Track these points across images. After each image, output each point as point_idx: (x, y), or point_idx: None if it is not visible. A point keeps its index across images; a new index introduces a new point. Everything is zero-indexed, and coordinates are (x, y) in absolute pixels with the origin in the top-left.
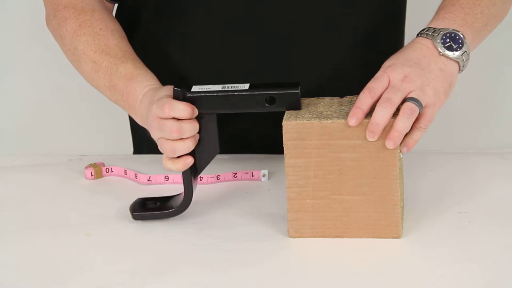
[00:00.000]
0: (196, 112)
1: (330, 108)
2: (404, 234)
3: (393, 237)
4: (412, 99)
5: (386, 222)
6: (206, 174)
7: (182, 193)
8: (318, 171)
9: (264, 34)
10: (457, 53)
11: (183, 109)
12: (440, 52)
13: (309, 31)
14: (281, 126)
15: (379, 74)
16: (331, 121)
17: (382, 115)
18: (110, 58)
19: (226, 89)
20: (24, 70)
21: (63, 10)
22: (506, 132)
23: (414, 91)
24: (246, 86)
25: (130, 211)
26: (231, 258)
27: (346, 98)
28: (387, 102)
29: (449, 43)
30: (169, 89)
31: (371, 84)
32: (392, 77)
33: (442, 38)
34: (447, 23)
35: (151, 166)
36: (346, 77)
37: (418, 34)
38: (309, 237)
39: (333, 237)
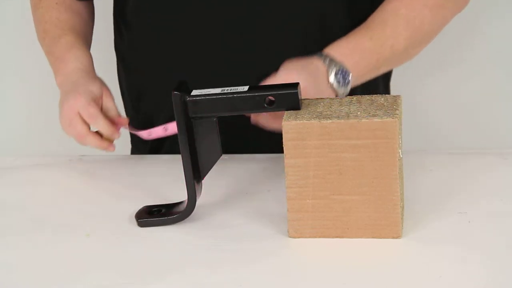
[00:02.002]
0: (117, 136)
1: (330, 108)
2: (404, 234)
3: (393, 237)
4: None
5: (386, 222)
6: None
7: (186, 200)
8: (318, 171)
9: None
10: (341, 89)
11: (105, 128)
12: (330, 82)
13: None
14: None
15: (282, 74)
16: (331, 121)
17: (265, 119)
18: (57, 30)
19: (225, 91)
20: (24, 70)
21: None
22: (506, 132)
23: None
24: (245, 88)
25: (136, 218)
26: (231, 258)
27: (346, 98)
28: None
29: (339, 79)
30: (98, 85)
31: (270, 82)
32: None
33: (336, 72)
34: (343, 59)
35: (151, 166)
36: None
37: (314, 55)
38: (309, 237)
39: (333, 237)
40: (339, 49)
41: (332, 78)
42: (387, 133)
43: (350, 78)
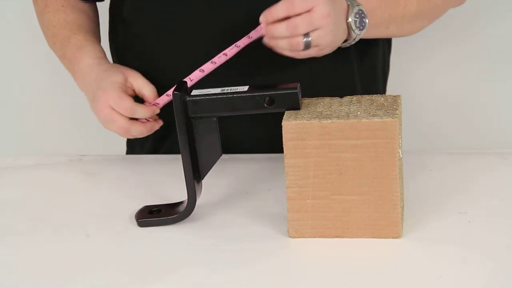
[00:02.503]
0: (158, 111)
1: (330, 108)
2: (404, 234)
3: (393, 237)
4: (307, 38)
5: (386, 222)
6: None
7: (186, 200)
8: (318, 171)
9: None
10: (357, 31)
11: (145, 114)
12: (349, 19)
13: None
14: (280, 126)
15: None
16: (330, 121)
17: (279, 32)
18: (66, 31)
19: (225, 91)
20: (24, 70)
21: None
22: (506, 132)
23: (320, 30)
24: (245, 88)
25: (136, 218)
26: (231, 258)
27: (346, 98)
28: (291, 28)
29: (357, 20)
30: (119, 72)
31: (296, 0)
32: (318, 8)
33: (356, 13)
34: (364, 2)
35: (151, 166)
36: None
37: None
38: (309, 237)
39: (333, 237)
40: None
41: (351, 17)
42: (387, 133)
43: (366, 21)
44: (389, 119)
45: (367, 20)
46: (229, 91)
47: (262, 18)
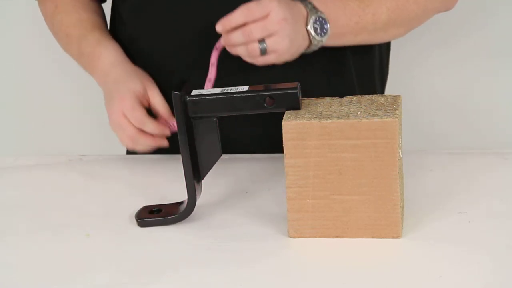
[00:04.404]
0: (168, 133)
1: (330, 108)
2: (404, 234)
3: (393, 237)
4: (263, 44)
5: (386, 222)
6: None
7: (186, 200)
8: (318, 171)
9: None
10: (317, 37)
11: (154, 129)
12: (308, 26)
13: None
14: (280, 126)
15: (264, 1)
16: (330, 121)
17: (235, 39)
18: (80, 30)
19: (225, 91)
20: (24, 70)
21: None
22: (506, 132)
23: (276, 35)
24: (245, 88)
25: (136, 218)
26: (231, 258)
27: (346, 98)
28: (247, 35)
29: (317, 26)
30: (139, 81)
31: (251, 5)
32: (273, 14)
33: (315, 19)
34: (325, 9)
35: (151, 166)
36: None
37: (298, 0)
38: (309, 237)
39: (333, 237)
40: (319, 1)
41: (310, 25)
42: (387, 133)
43: (328, 27)
44: (389, 119)
45: (328, 26)
46: (229, 91)
47: (218, 27)
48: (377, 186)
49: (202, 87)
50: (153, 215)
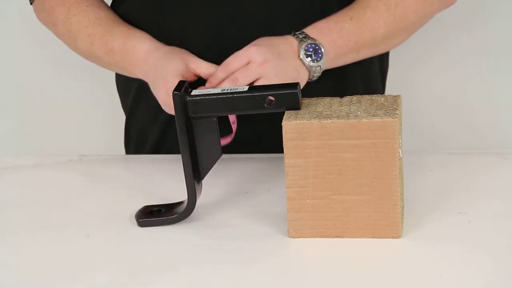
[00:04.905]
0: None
1: (330, 108)
2: (404, 234)
3: (393, 237)
4: None
5: (386, 222)
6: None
7: (186, 200)
8: (318, 171)
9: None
10: (312, 63)
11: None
12: (300, 56)
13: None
14: (280, 126)
15: (241, 52)
16: (330, 121)
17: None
18: (102, 27)
19: (225, 91)
20: (24, 70)
21: (49, 1)
22: (506, 132)
23: (263, 78)
24: (245, 88)
25: (136, 218)
26: (231, 258)
27: (346, 98)
28: (233, 83)
29: (310, 53)
30: (179, 59)
31: (229, 59)
32: (253, 59)
33: (306, 46)
34: (320, 36)
35: (151, 166)
36: None
37: (291, 33)
38: (309, 237)
39: (333, 237)
40: (316, 26)
41: (302, 52)
42: (387, 133)
43: (323, 52)
44: (389, 119)
45: (323, 50)
46: (229, 91)
47: (207, 85)
48: (377, 186)
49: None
50: (153, 215)
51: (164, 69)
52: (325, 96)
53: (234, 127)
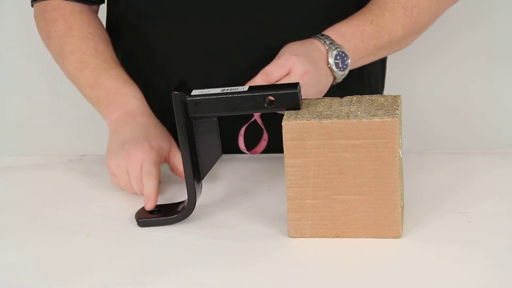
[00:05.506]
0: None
1: (330, 108)
2: (404, 234)
3: (393, 237)
4: None
5: (386, 222)
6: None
7: (186, 200)
8: (317, 171)
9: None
10: (339, 72)
11: (150, 190)
12: (329, 64)
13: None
14: (280, 126)
15: (282, 60)
16: (330, 121)
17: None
18: (99, 61)
19: (225, 91)
20: (24, 70)
21: (52, 12)
22: (506, 132)
23: (302, 88)
24: (245, 88)
25: (136, 218)
26: (231, 258)
27: (346, 98)
28: None
29: (338, 61)
30: (168, 140)
31: (271, 68)
32: (294, 69)
33: (335, 55)
34: (343, 41)
35: None
36: None
37: (315, 37)
38: (309, 237)
39: (333, 237)
40: (340, 31)
41: (331, 60)
42: (387, 133)
43: (348, 61)
44: (389, 119)
45: (348, 61)
46: (229, 91)
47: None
48: (377, 186)
49: (202, 87)
50: (153, 215)
51: (155, 140)
52: (325, 96)
53: (264, 144)
